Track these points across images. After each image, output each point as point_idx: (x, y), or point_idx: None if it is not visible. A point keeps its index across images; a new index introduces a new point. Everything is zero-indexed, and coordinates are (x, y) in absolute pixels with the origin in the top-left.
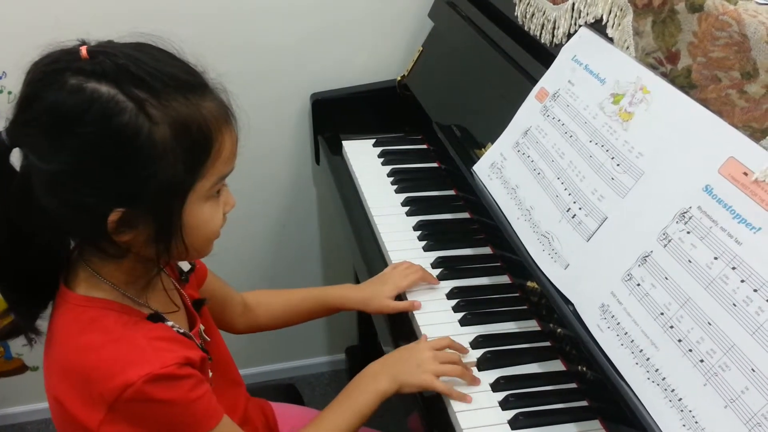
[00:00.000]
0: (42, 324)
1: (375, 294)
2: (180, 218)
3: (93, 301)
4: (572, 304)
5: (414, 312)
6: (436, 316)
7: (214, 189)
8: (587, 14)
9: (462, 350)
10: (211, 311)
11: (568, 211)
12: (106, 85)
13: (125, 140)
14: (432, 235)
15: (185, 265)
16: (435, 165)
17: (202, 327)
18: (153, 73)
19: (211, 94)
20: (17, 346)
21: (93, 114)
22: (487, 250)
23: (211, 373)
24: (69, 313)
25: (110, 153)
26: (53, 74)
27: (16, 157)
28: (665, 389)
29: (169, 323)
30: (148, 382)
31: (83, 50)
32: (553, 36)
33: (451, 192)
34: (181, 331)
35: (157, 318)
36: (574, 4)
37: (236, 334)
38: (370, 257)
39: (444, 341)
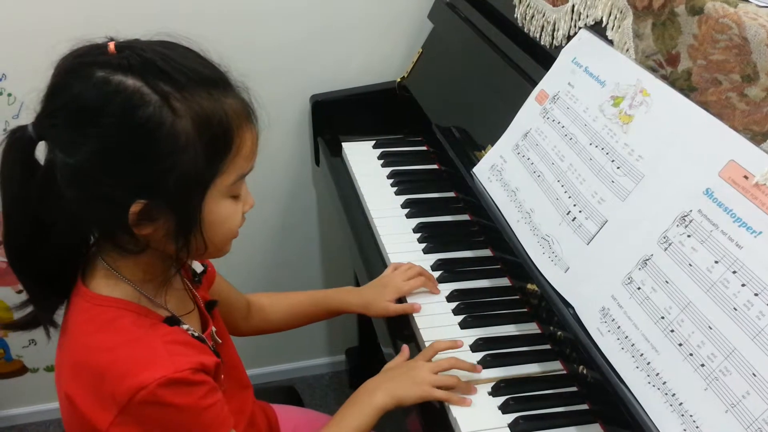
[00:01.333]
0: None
1: (375, 298)
2: (200, 213)
3: (111, 300)
4: (572, 308)
5: (414, 314)
6: (436, 318)
7: (235, 187)
8: (587, 16)
9: (454, 346)
10: None
11: (568, 213)
12: (132, 78)
13: (148, 132)
14: (432, 238)
15: (198, 267)
16: (435, 167)
17: (214, 329)
18: (177, 68)
19: (233, 91)
20: (17, 347)
21: (117, 105)
22: (487, 252)
23: (222, 376)
24: (86, 312)
25: (133, 144)
26: (80, 67)
27: (40, 151)
28: (666, 393)
29: (185, 326)
30: (161, 385)
31: (111, 45)
32: (552, 38)
33: (451, 194)
34: (196, 334)
35: (173, 321)
36: (573, 6)
37: (239, 336)
38: (370, 259)
39: (431, 350)
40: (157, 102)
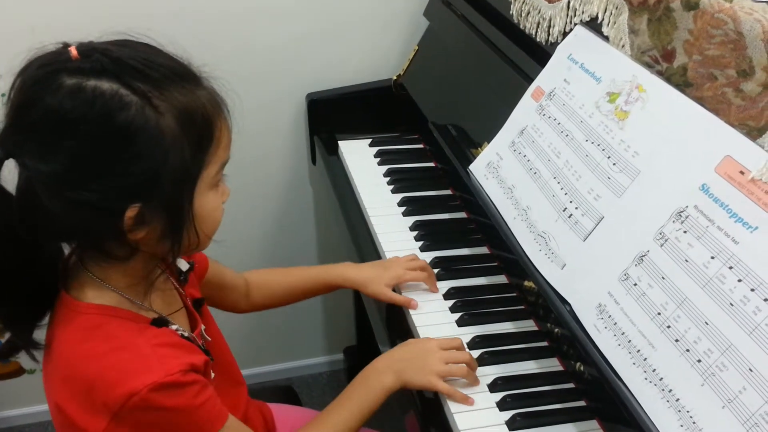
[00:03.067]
0: (38, 334)
1: (375, 278)
2: (191, 208)
3: (96, 308)
4: (569, 304)
5: (411, 312)
6: (433, 316)
7: (218, 177)
8: (582, 12)
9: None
10: (215, 295)
11: (564, 210)
12: (107, 81)
13: (132, 134)
14: (429, 235)
15: (183, 265)
16: (431, 165)
17: (203, 327)
18: (149, 65)
19: (202, 83)
20: None
21: (97, 112)
22: (484, 249)
23: (213, 374)
24: (72, 321)
25: (118, 149)
26: (47, 78)
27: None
28: (663, 389)
29: (173, 327)
30: (153, 390)
31: (73, 50)
32: (548, 34)
33: (448, 192)
34: (186, 334)
35: (161, 322)
36: (569, 2)
37: (240, 313)
38: (367, 258)
39: (455, 341)
40: (138, 103)
